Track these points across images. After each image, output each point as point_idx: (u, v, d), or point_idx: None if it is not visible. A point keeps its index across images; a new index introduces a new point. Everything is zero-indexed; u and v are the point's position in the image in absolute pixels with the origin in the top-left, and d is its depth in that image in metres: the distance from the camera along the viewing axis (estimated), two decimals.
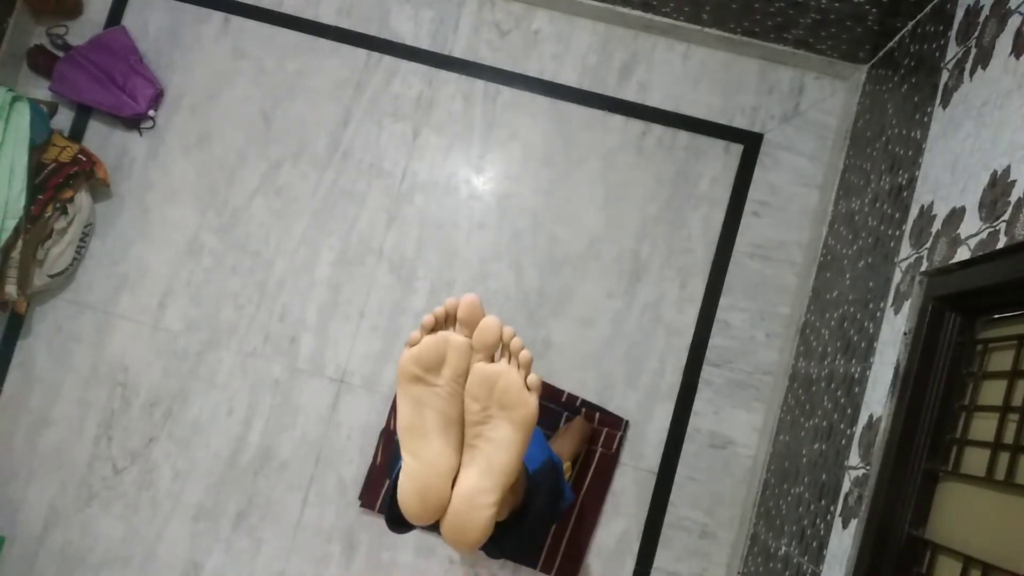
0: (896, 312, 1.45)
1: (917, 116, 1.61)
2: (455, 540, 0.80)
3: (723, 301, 2.19)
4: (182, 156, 2.36)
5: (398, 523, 1.02)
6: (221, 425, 2.27)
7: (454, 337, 0.81)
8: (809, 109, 2.22)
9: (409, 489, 0.80)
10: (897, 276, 1.50)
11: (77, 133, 2.38)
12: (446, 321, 0.83)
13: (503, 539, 1.03)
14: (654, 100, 2.27)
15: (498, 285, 2.25)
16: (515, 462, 0.81)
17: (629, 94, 2.27)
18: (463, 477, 0.81)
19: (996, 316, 1.21)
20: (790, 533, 1.73)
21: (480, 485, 0.80)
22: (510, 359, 0.81)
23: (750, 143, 2.23)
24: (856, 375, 1.58)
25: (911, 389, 1.28)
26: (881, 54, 2.01)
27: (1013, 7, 1.29)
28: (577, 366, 2.20)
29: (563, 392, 2.18)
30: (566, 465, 1.90)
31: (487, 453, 0.81)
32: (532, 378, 0.81)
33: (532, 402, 0.81)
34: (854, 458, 1.48)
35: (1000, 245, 1.12)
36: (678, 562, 2.13)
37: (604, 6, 2.22)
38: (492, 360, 0.82)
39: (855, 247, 1.81)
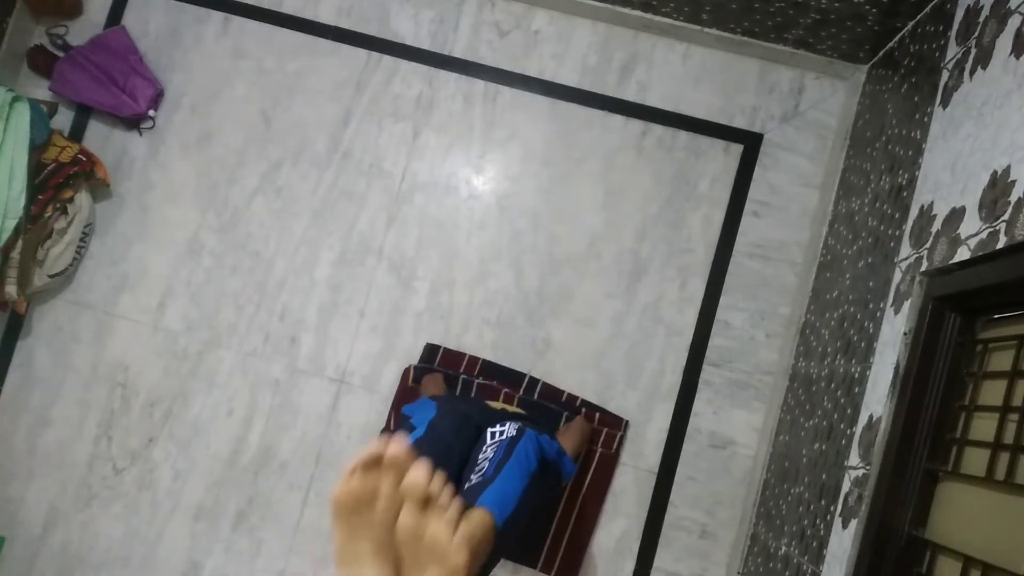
0: (896, 312, 1.45)
1: (917, 116, 1.61)
2: None
3: (723, 301, 2.19)
4: (182, 156, 2.36)
5: None
6: (221, 425, 2.27)
7: (383, 483, 0.81)
8: (809, 109, 2.22)
9: None
10: (897, 276, 1.50)
11: (77, 133, 2.38)
12: (378, 463, 0.83)
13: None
14: (654, 100, 2.27)
15: (498, 285, 2.25)
16: None
17: (629, 94, 2.27)
18: None
19: (996, 316, 1.21)
20: (790, 533, 1.73)
21: None
22: (439, 511, 0.81)
23: (750, 143, 2.23)
24: (856, 375, 1.58)
25: (911, 389, 1.28)
26: (881, 54, 2.01)
27: (1013, 7, 1.29)
28: (577, 366, 2.20)
29: (563, 392, 2.18)
30: None
31: None
32: (459, 534, 0.80)
33: (459, 559, 0.80)
34: (854, 458, 1.48)
35: (1000, 245, 1.12)
36: (678, 562, 2.13)
37: (604, 6, 2.22)
38: (424, 505, 0.82)
39: (855, 247, 1.81)
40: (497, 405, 2.09)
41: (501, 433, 1.41)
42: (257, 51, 2.37)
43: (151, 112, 2.34)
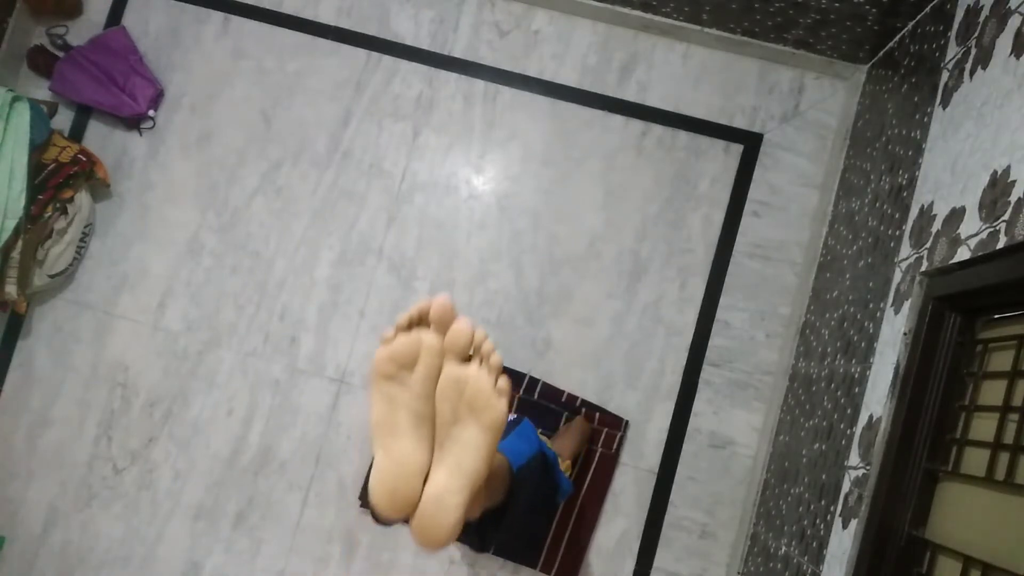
0: (896, 312, 1.45)
1: (917, 116, 1.61)
2: (422, 539, 0.81)
3: (723, 301, 2.19)
4: (182, 156, 2.36)
5: (379, 517, 1.03)
6: (221, 425, 2.27)
7: (427, 338, 0.83)
8: (809, 109, 2.22)
9: (379, 487, 0.81)
10: (897, 276, 1.50)
11: (77, 133, 2.38)
12: (420, 321, 0.85)
13: (485, 533, 1.04)
14: (654, 100, 2.27)
15: (498, 285, 2.25)
16: (483, 465, 0.82)
17: (629, 94, 2.27)
18: (433, 476, 0.83)
19: (996, 316, 1.21)
20: (790, 533, 1.73)
21: (448, 486, 0.81)
22: (481, 362, 0.83)
23: (750, 143, 2.23)
24: (856, 375, 1.58)
25: (911, 389, 1.28)
26: (881, 54, 2.01)
27: (1013, 7, 1.29)
28: (577, 366, 2.20)
29: (563, 392, 2.18)
30: (567, 464, 1.90)
31: (456, 454, 0.82)
32: (502, 382, 0.82)
33: (500, 406, 0.82)
34: (854, 458, 1.48)
35: (1000, 245, 1.12)
36: (678, 562, 2.13)
37: (604, 6, 2.22)
38: (464, 362, 0.83)
39: (855, 247, 1.81)
40: None
41: None
42: (257, 51, 2.37)
43: (151, 112, 2.34)
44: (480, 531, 1.03)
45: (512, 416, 1.42)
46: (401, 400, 0.82)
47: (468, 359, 0.83)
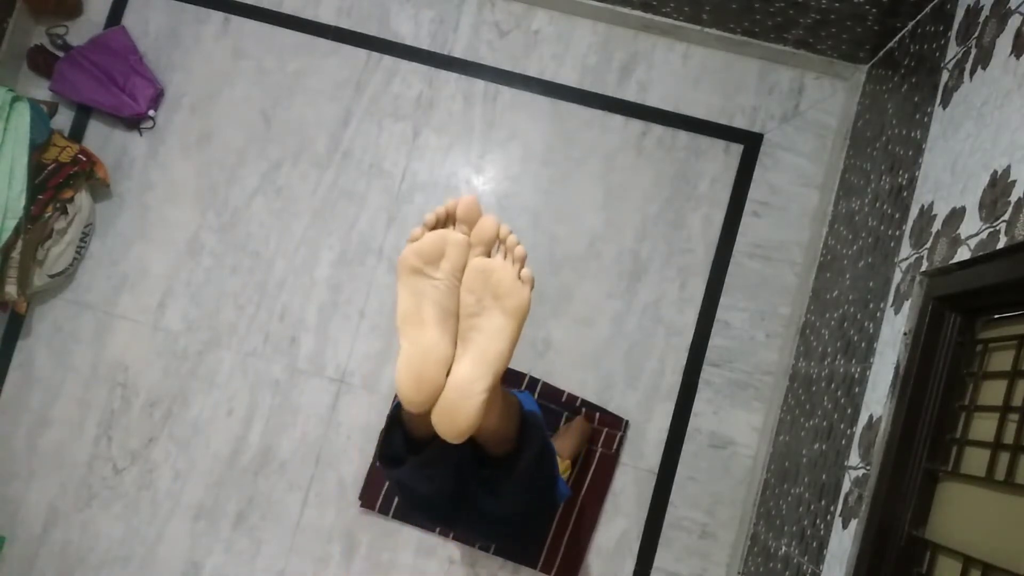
0: (896, 312, 1.45)
1: (917, 116, 1.61)
2: (446, 425, 0.83)
3: (723, 301, 2.19)
4: (182, 156, 2.36)
5: (390, 458, 1.04)
6: (221, 425, 2.27)
7: (453, 234, 0.86)
8: (809, 109, 2.22)
9: (405, 374, 0.83)
10: (897, 276, 1.50)
11: (77, 133, 2.38)
12: (447, 221, 0.87)
13: (497, 479, 1.04)
14: (654, 100, 2.27)
15: None
16: (507, 350, 0.86)
17: (629, 94, 2.27)
18: (457, 367, 0.86)
19: (996, 316, 1.21)
20: (790, 533, 1.73)
21: (473, 373, 0.84)
22: (506, 255, 0.85)
23: (750, 143, 2.23)
24: (856, 375, 1.58)
25: (911, 389, 1.28)
26: (881, 54, 2.01)
27: (1013, 7, 1.29)
28: (577, 366, 2.20)
29: (563, 392, 2.18)
30: (566, 463, 1.91)
31: (480, 343, 0.85)
32: (525, 271, 0.86)
33: (525, 292, 0.85)
34: (854, 458, 1.48)
35: (1000, 245, 1.12)
36: (678, 562, 2.13)
37: (604, 6, 2.22)
38: (489, 256, 0.86)
39: (855, 247, 1.81)
40: None
41: None
42: (257, 51, 2.37)
43: (151, 112, 2.34)
44: (493, 474, 1.04)
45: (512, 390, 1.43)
46: (427, 293, 0.85)
47: (493, 253, 0.88)
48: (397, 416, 1.07)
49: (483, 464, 1.04)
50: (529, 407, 1.21)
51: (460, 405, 0.82)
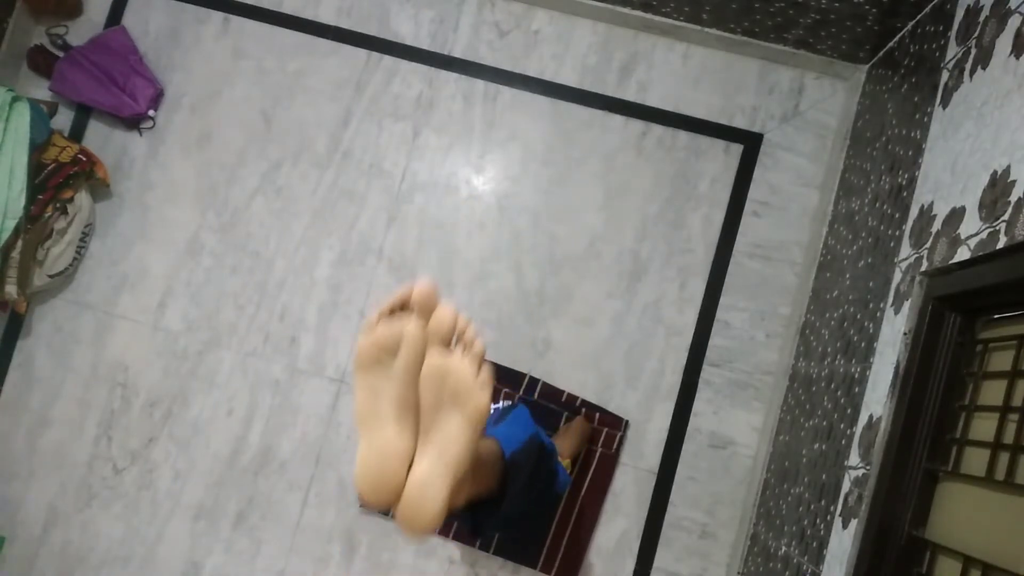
0: (896, 312, 1.45)
1: (917, 116, 1.61)
2: (406, 526, 0.81)
3: (723, 301, 2.19)
4: (182, 156, 2.36)
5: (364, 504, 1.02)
6: (221, 425, 2.27)
7: (408, 326, 0.82)
8: (809, 109, 2.22)
9: (363, 474, 0.81)
10: (897, 276, 1.50)
11: (77, 133, 2.38)
12: (403, 307, 0.84)
13: (482, 521, 1.03)
14: (654, 100, 2.27)
15: (498, 285, 2.25)
16: (466, 454, 0.82)
17: (629, 94, 2.27)
18: (416, 464, 0.82)
19: (996, 316, 1.21)
20: (790, 533, 1.73)
21: (431, 473, 0.81)
22: (464, 351, 0.82)
23: (750, 143, 2.23)
24: (856, 375, 1.58)
25: (911, 389, 1.28)
26: (881, 54, 2.01)
27: (1013, 7, 1.29)
28: (577, 366, 2.20)
29: (563, 392, 2.18)
30: (566, 463, 1.90)
31: (439, 443, 0.82)
32: (484, 373, 0.82)
33: (483, 397, 0.82)
34: (854, 458, 1.48)
35: (1000, 245, 1.12)
36: (678, 562, 2.13)
37: (604, 6, 2.22)
38: (448, 349, 0.83)
39: (855, 247, 1.81)
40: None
41: (495, 408, 1.41)
42: (257, 51, 2.37)
43: (151, 112, 2.34)
44: (477, 519, 1.03)
45: (507, 402, 1.42)
46: (384, 388, 0.82)
47: (451, 345, 0.83)
48: None
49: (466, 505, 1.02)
50: (517, 440, 1.19)
51: (421, 506, 0.79)
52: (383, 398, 0.82)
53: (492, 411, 1.40)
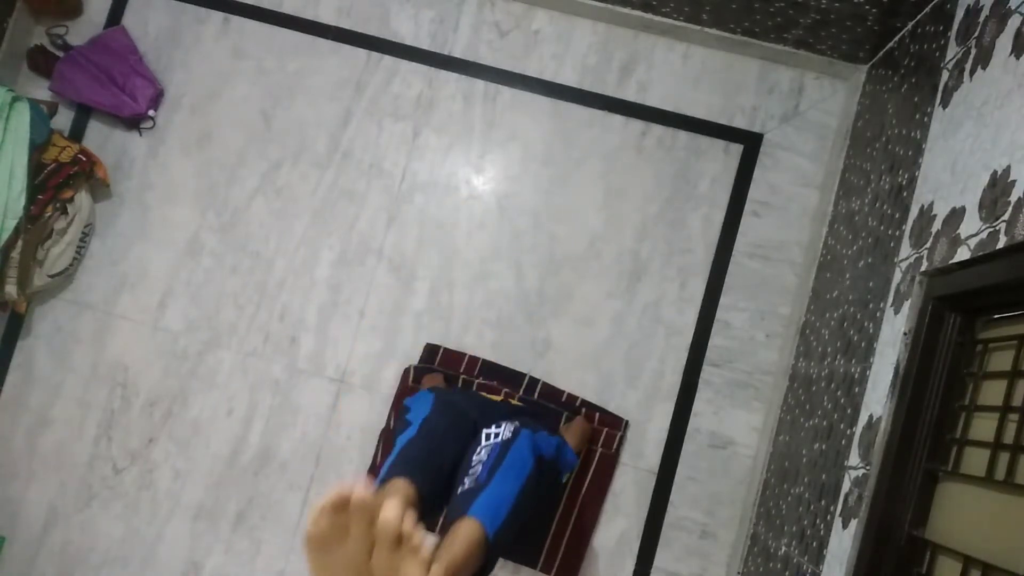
0: (896, 312, 1.45)
1: (917, 116, 1.61)
2: None
3: (723, 301, 2.19)
4: (182, 156, 2.36)
5: None
6: (221, 425, 2.27)
7: (354, 526, 0.80)
8: (809, 109, 2.22)
9: None
10: (897, 276, 1.50)
11: (77, 133, 2.38)
12: (345, 507, 0.82)
13: None
14: (654, 100, 2.27)
15: (498, 285, 2.25)
16: None
17: (629, 94, 2.27)
18: None
19: (996, 316, 1.21)
20: (790, 533, 1.73)
21: None
22: (412, 556, 0.81)
23: (750, 143, 2.23)
24: (856, 375, 1.58)
25: (911, 389, 1.28)
26: (881, 54, 2.01)
27: (1013, 7, 1.29)
28: (577, 366, 2.20)
29: (563, 392, 2.18)
30: None
31: None
32: (435, 571, 0.80)
33: None
34: (854, 458, 1.48)
35: (1000, 245, 1.12)
36: (678, 562, 2.13)
37: (604, 6, 2.22)
38: (396, 545, 0.81)
39: (855, 247, 1.81)
40: (496, 397, 2.09)
41: (496, 435, 1.40)
42: (257, 51, 2.37)
43: (151, 112, 2.34)
44: None
45: (508, 431, 1.41)
46: (338, 568, 0.81)
47: (400, 543, 0.82)
48: None
49: None
50: (507, 502, 1.21)
51: None
52: (338, 572, 0.82)
53: (492, 440, 1.39)
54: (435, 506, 1.33)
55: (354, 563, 0.79)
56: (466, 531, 1.11)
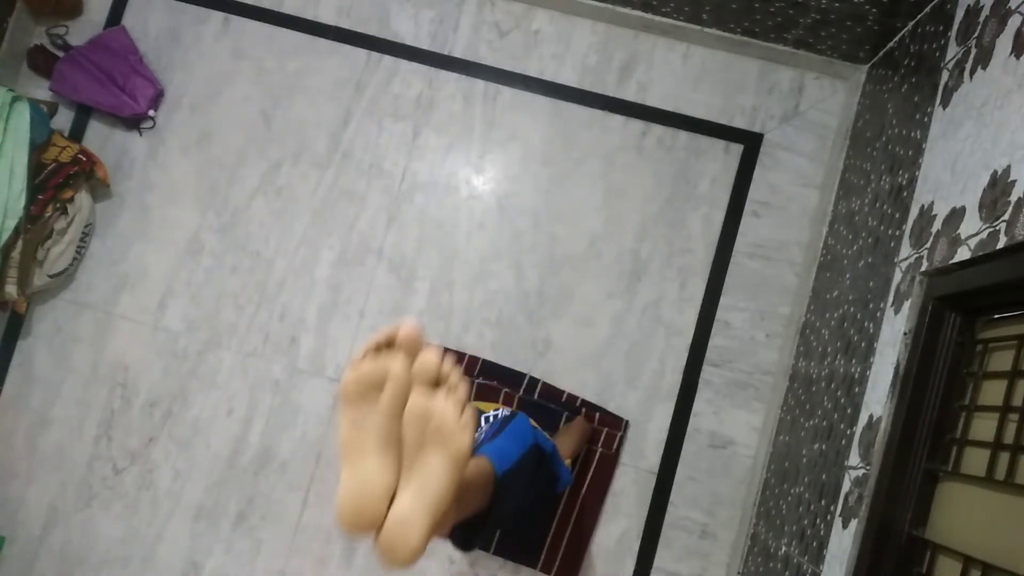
0: (896, 312, 1.45)
1: (917, 116, 1.61)
2: (386, 559, 0.82)
3: (723, 301, 2.19)
4: (182, 156, 2.36)
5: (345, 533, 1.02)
6: (221, 425, 2.27)
7: (394, 366, 0.83)
8: (809, 109, 2.22)
9: (344, 505, 0.83)
10: (897, 276, 1.50)
11: (77, 133, 2.38)
12: (389, 346, 0.85)
13: (467, 537, 1.04)
14: (654, 100, 2.27)
15: (498, 285, 2.25)
16: (448, 491, 0.84)
17: (629, 94, 2.27)
18: (398, 498, 0.84)
19: (996, 316, 1.21)
20: (790, 533, 1.73)
21: (413, 508, 0.82)
22: (447, 395, 0.84)
23: (750, 143, 2.23)
24: (856, 375, 1.58)
25: (911, 389, 1.28)
26: (881, 54, 2.01)
27: (1013, 7, 1.29)
28: (577, 366, 2.20)
29: (563, 392, 2.18)
30: (566, 463, 1.90)
31: (421, 479, 0.83)
32: (466, 416, 0.83)
33: (465, 439, 0.83)
34: (854, 458, 1.48)
35: (1000, 245, 1.12)
36: (678, 562, 2.13)
37: (604, 6, 2.22)
38: (432, 389, 0.84)
39: (855, 247, 1.81)
40: (488, 407, 2.09)
41: (495, 416, 1.41)
42: (257, 51, 2.37)
43: (151, 112, 2.34)
44: (462, 536, 1.04)
45: (506, 411, 1.42)
46: (368, 422, 0.84)
47: (437, 385, 0.85)
48: None
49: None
50: (511, 457, 1.19)
51: (401, 540, 0.80)
52: (367, 432, 0.84)
53: (492, 420, 1.40)
54: None
55: (387, 414, 0.81)
56: (475, 461, 1.08)
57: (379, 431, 0.82)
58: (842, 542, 1.42)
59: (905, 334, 1.35)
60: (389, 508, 0.82)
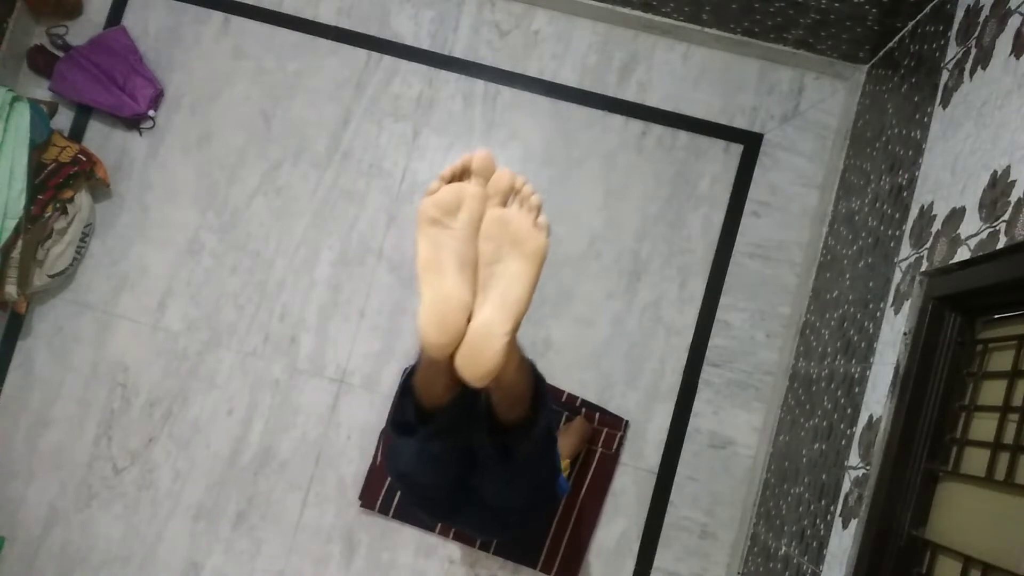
0: (896, 312, 1.45)
1: (917, 116, 1.62)
2: (470, 367, 0.84)
3: (723, 301, 2.19)
4: (182, 156, 2.36)
5: (401, 425, 1.04)
6: (221, 425, 2.27)
7: (469, 186, 0.89)
8: (809, 109, 2.22)
9: (428, 318, 0.86)
10: (897, 276, 1.50)
11: (77, 133, 2.38)
12: (463, 175, 0.91)
13: (513, 443, 1.03)
14: (654, 100, 2.27)
15: None
16: (527, 294, 0.88)
17: (629, 94, 2.27)
18: (478, 313, 0.87)
19: (996, 316, 1.21)
20: (790, 533, 1.73)
21: (494, 317, 0.85)
22: (521, 204, 0.88)
23: (750, 143, 2.23)
24: (856, 375, 1.58)
25: (911, 389, 1.28)
26: (881, 54, 2.01)
27: (1013, 7, 1.29)
28: (577, 366, 2.20)
29: (563, 392, 2.18)
30: (566, 463, 1.91)
31: (500, 288, 0.87)
32: (542, 218, 0.90)
33: (542, 237, 0.89)
34: (854, 458, 1.48)
35: (1000, 245, 1.12)
36: (678, 562, 2.13)
37: (604, 6, 2.22)
38: (505, 205, 0.89)
39: (855, 247, 1.81)
40: None
41: None
42: (257, 51, 2.37)
43: (151, 112, 2.34)
44: (503, 444, 1.05)
45: None
46: (446, 243, 0.90)
47: (509, 202, 0.90)
48: (409, 385, 1.08)
49: (496, 431, 1.04)
50: (544, 387, 1.20)
51: (483, 347, 0.83)
52: (444, 252, 0.89)
53: None
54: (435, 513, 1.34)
55: (466, 231, 0.86)
56: (524, 357, 1.07)
57: (456, 251, 0.87)
58: (842, 542, 1.42)
59: (905, 334, 1.35)
60: (468, 324, 0.85)
